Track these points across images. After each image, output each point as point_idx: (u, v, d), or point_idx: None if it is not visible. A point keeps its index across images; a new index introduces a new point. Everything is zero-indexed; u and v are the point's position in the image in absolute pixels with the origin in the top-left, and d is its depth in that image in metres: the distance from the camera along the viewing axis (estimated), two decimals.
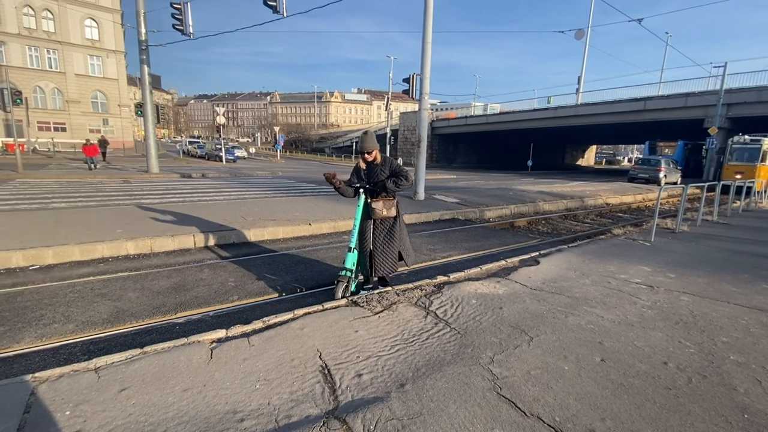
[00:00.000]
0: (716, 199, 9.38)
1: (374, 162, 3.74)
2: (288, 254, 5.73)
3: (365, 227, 3.76)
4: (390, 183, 3.59)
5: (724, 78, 20.38)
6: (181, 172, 18.01)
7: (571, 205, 12.33)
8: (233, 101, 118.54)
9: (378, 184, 3.67)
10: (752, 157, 18.27)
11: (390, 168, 3.73)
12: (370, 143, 3.69)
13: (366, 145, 3.69)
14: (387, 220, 3.74)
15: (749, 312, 3.51)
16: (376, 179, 3.70)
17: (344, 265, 3.62)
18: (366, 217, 3.74)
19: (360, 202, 3.67)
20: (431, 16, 10.45)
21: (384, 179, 3.65)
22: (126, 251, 5.45)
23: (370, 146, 3.69)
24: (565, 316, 3.27)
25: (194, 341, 2.71)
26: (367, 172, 3.76)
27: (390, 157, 3.89)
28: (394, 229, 3.75)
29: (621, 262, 5.07)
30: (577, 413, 2.03)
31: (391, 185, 3.58)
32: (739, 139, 18.93)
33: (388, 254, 3.73)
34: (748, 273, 4.74)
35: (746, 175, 16.50)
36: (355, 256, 3.65)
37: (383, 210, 3.65)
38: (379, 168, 3.72)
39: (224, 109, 28.72)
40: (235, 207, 8.68)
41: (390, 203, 3.69)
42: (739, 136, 18.97)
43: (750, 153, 18.43)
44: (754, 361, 2.65)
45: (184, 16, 14.63)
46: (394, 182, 3.60)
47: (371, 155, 3.71)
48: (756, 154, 18.19)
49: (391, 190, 3.61)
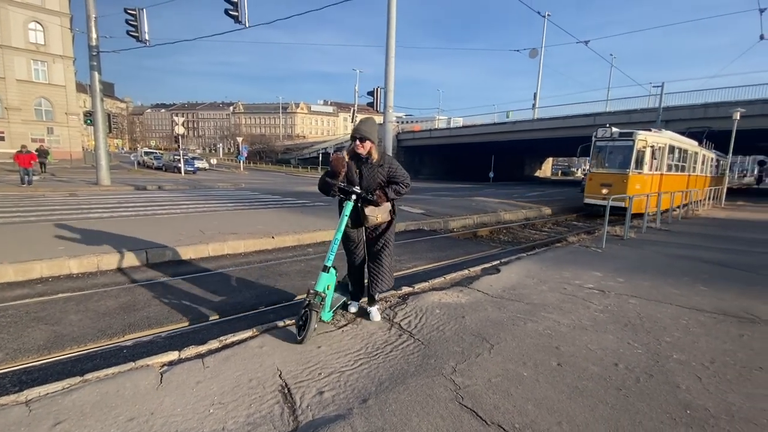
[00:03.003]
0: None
1: (369, 158, 3.03)
2: (249, 269, 5.53)
3: (354, 237, 3.19)
4: (391, 192, 3.06)
5: (662, 97, 22.27)
6: (136, 184, 17.07)
7: (530, 214, 12.86)
8: (194, 111, 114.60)
9: (372, 191, 3.03)
10: (623, 161, 12.23)
11: (389, 170, 3.08)
12: (367, 129, 2.95)
13: (362, 128, 2.93)
14: (380, 226, 3.18)
15: (689, 312, 3.78)
16: (371, 184, 3.04)
17: (315, 288, 2.86)
18: (354, 224, 3.13)
19: (347, 210, 2.97)
20: (394, 32, 10.70)
21: (382, 186, 3.06)
22: (69, 270, 5.04)
23: (367, 132, 2.93)
24: (525, 323, 3.37)
25: (142, 365, 2.53)
26: (361, 173, 3.04)
27: (389, 156, 3.19)
28: (388, 235, 3.22)
29: (575, 268, 5.32)
30: (536, 419, 2.08)
31: (392, 194, 3.06)
32: (605, 133, 12.62)
33: (386, 265, 3.23)
34: (687, 276, 5.12)
35: (615, 189, 11.42)
36: (332, 277, 2.95)
37: (377, 215, 3.03)
38: (376, 168, 3.04)
39: (184, 118, 27.70)
40: (194, 220, 8.32)
41: (385, 206, 3.08)
42: (605, 128, 12.69)
43: (619, 154, 12.49)
44: (694, 358, 2.84)
45: (139, 23, 14.09)
46: (396, 191, 3.08)
47: (364, 146, 2.97)
48: (628, 155, 12.03)
49: (391, 199, 3.10)
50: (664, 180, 12.94)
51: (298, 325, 2.94)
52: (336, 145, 51.67)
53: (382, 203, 3.02)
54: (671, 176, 13.69)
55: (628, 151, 12.01)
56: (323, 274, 2.90)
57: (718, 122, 19.17)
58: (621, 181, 11.84)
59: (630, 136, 12.05)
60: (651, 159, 12.12)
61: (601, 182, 12.50)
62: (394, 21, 10.68)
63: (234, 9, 11.46)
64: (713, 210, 15.10)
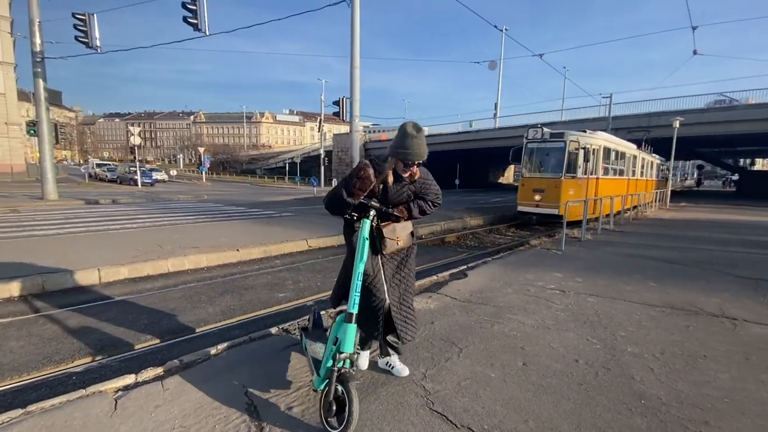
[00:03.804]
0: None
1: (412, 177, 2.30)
2: (212, 284, 5.32)
3: (368, 269, 2.22)
4: (415, 209, 2.34)
5: (611, 107, 23.87)
6: (87, 198, 16.02)
7: (493, 219, 13.27)
8: (151, 120, 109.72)
9: (398, 205, 2.31)
10: (555, 164, 11.39)
11: (422, 184, 2.36)
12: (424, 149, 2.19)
13: (422, 151, 2.17)
14: (401, 253, 2.41)
15: (641, 307, 4.03)
16: (398, 198, 2.30)
17: (343, 349, 1.96)
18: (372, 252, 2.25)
19: (365, 231, 2.12)
20: (358, 43, 10.82)
21: (411, 199, 2.35)
22: (9, 293, 4.63)
23: (424, 153, 2.19)
24: (491, 325, 3.45)
25: (94, 392, 2.35)
26: (385, 188, 2.26)
27: (424, 168, 2.39)
28: (411, 265, 2.45)
29: (538, 270, 5.54)
30: (504, 419, 2.13)
31: (416, 212, 2.35)
32: (536, 134, 11.73)
33: (413, 305, 2.43)
34: (639, 273, 5.46)
35: (548, 196, 10.98)
36: (354, 331, 2.01)
37: (398, 238, 2.29)
38: (407, 184, 2.31)
39: (140, 128, 26.47)
40: (152, 235, 7.91)
41: (406, 226, 2.36)
42: (536, 128, 11.85)
43: (551, 157, 11.59)
44: (647, 351, 3.02)
45: (89, 28, 13.39)
46: (421, 208, 2.37)
47: (414, 172, 2.28)
48: (560, 158, 11.21)
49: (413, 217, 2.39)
50: (600, 184, 12.21)
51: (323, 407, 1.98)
52: (304, 154, 51.15)
53: (401, 220, 2.32)
54: (609, 180, 13.14)
55: (560, 153, 11.15)
56: (349, 326, 1.98)
57: (660, 130, 20.75)
58: (554, 187, 11.06)
59: (561, 136, 11.24)
60: (584, 162, 11.33)
61: (533, 188, 11.55)
62: (357, 32, 10.81)
63: (193, 17, 11.17)
64: (660, 211, 16.24)
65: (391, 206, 2.27)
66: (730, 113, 22.17)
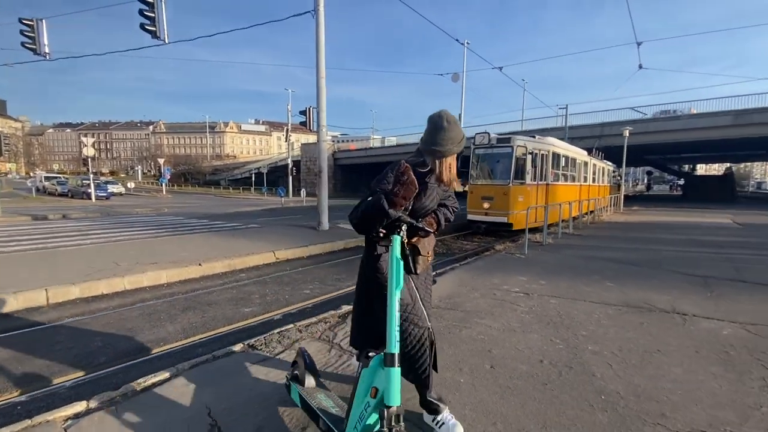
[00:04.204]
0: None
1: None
2: (173, 301, 5.07)
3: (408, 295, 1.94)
4: (442, 217, 2.05)
5: (567, 117, 25.23)
6: (34, 213, 14.91)
7: (460, 225, 13.55)
8: (107, 131, 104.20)
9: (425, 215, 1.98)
10: (503, 170, 10.99)
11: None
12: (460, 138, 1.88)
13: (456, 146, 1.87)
14: (427, 273, 2.19)
15: (600, 307, 4.23)
16: (429, 206, 1.99)
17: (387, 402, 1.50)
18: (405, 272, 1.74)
19: (396, 249, 1.64)
20: (323, 53, 10.85)
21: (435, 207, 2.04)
22: None
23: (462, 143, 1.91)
24: (460, 330, 3.50)
25: (41, 422, 2.17)
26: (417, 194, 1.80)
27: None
28: (429, 281, 2.24)
29: (503, 274, 5.70)
30: (473, 422, 2.15)
31: (443, 220, 2.05)
32: (482, 139, 11.24)
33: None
34: (597, 274, 5.74)
35: (497, 203, 10.72)
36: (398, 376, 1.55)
37: (429, 254, 1.99)
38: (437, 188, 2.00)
39: (94, 139, 25.07)
40: (107, 251, 7.46)
41: (432, 238, 2.03)
42: (483, 134, 11.36)
43: (499, 164, 11.18)
44: (606, 348, 3.17)
45: (36, 34, 12.59)
46: (446, 216, 2.09)
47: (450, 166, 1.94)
48: (507, 164, 10.86)
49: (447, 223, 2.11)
50: (550, 191, 12.09)
51: None
52: (271, 164, 50.15)
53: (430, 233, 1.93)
54: (560, 186, 13.05)
55: (508, 159, 10.84)
56: (392, 371, 1.52)
57: (612, 138, 22.14)
58: (502, 194, 10.78)
59: (508, 142, 11.03)
60: (533, 168, 11.27)
61: (481, 195, 11.18)
62: (323, 42, 10.83)
63: (151, 24, 10.77)
64: (615, 215, 17.23)
65: (419, 216, 1.94)
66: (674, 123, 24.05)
